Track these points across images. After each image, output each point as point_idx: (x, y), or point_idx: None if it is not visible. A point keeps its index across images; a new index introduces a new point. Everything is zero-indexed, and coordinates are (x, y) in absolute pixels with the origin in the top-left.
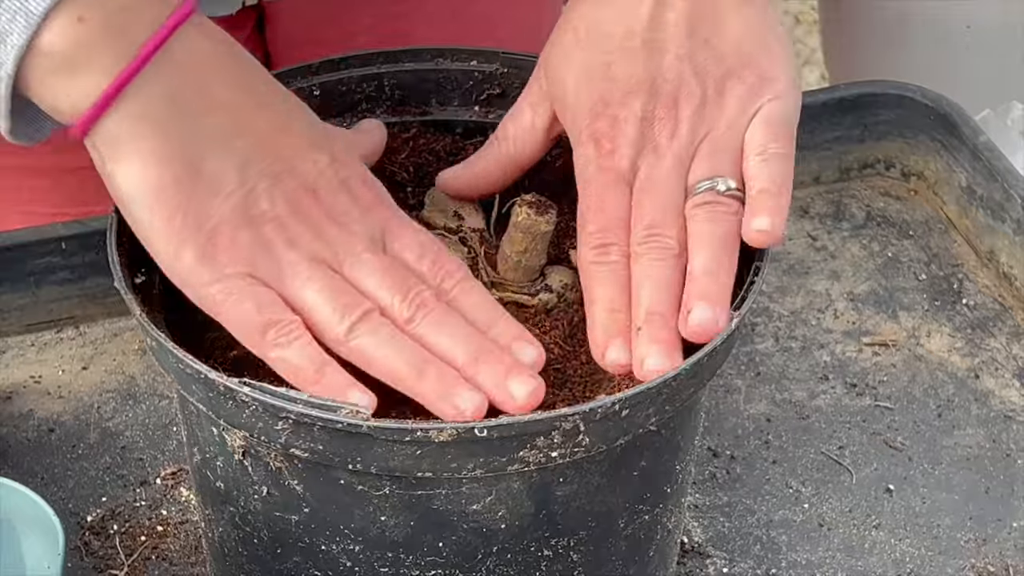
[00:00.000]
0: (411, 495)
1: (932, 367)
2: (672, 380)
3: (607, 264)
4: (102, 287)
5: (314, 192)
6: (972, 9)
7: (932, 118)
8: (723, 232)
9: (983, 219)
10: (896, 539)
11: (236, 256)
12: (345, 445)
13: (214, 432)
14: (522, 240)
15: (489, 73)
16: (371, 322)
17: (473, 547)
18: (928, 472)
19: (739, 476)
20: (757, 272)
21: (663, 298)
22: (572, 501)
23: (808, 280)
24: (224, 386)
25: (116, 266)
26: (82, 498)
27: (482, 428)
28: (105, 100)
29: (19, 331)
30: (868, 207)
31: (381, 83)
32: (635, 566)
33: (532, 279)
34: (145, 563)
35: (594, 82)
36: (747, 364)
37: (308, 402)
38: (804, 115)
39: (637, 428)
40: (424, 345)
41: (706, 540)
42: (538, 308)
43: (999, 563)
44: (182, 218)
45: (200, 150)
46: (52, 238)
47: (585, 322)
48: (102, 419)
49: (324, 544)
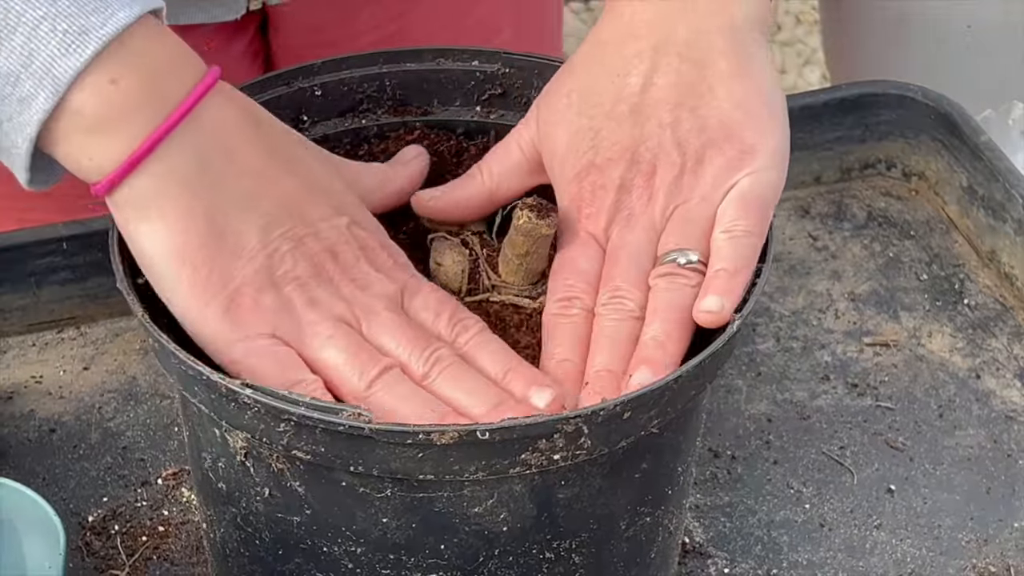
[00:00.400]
0: (413, 497)
1: (933, 367)
2: (674, 383)
3: (568, 317)
4: (103, 287)
5: (334, 255)
6: (973, 9)
7: (933, 118)
8: (679, 303)
9: (984, 219)
10: (897, 539)
11: (259, 317)
12: (347, 447)
13: (216, 433)
14: (523, 243)
15: (490, 73)
16: (390, 378)
17: (475, 549)
18: (929, 472)
19: (740, 476)
20: (759, 273)
21: (614, 356)
22: (574, 503)
23: (809, 280)
24: (226, 388)
25: (118, 266)
26: (83, 498)
27: (484, 431)
28: (133, 162)
29: (20, 331)
30: (869, 207)
31: (382, 83)
32: (636, 568)
33: (533, 282)
34: (146, 563)
35: (582, 147)
36: (748, 364)
37: (310, 404)
38: (805, 115)
39: (639, 430)
40: (442, 400)
41: (707, 540)
42: (536, 311)
43: (1000, 563)
44: (206, 278)
45: (225, 212)
46: (53, 238)
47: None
48: (103, 419)
49: (326, 546)
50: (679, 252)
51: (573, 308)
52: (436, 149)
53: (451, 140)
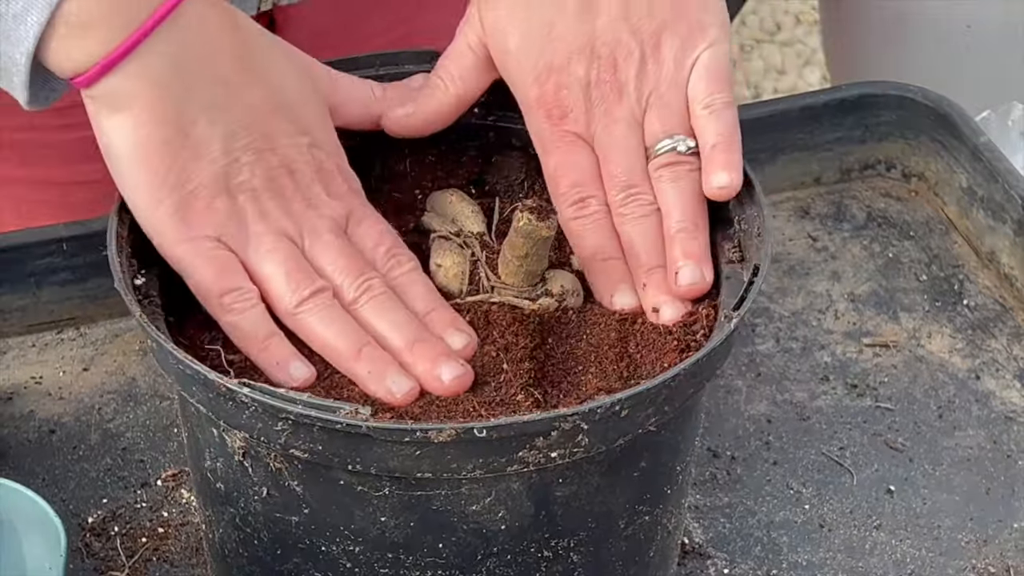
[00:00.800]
0: (411, 496)
1: (933, 368)
2: (671, 381)
3: (589, 217)
4: (103, 288)
5: (291, 172)
6: (973, 9)
7: (933, 119)
8: (691, 189)
9: (984, 220)
10: (897, 540)
11: (209, 219)
12: (344, 446)
13: (214, 433)
14: (523, 245)
15: None
16: (319, 300)
17: (473, 548)
18: (929, 473)
19: (740, 477)
20: (756, 272)
21: (657, 253)
22: (572, 502)
23: (809, 281)
24: (224, 387)
25: (117, 267)
26: (83, 499)
27: (481, 428)
28: (113, 60)
29: (20, 332)
30: (869, 208)
31: None
32: (635, 567)
33: (533, 283)
34: (146, 564)
35: (535, 45)
36: (747, 365)
37: (307, 403)
38: (805, 115)
39: (637, 429)
40: (365, 327)
41: (707, 541)
42: (535, 312)
43: (1000, 564)
44: (164, 175)
45: (193, 117)
46: (53, 239)
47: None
48: (103, 420)
49: (324, 545)
50: (671, 139)
51: (590, 207)
52: (437, 148)
53: (450, 140)
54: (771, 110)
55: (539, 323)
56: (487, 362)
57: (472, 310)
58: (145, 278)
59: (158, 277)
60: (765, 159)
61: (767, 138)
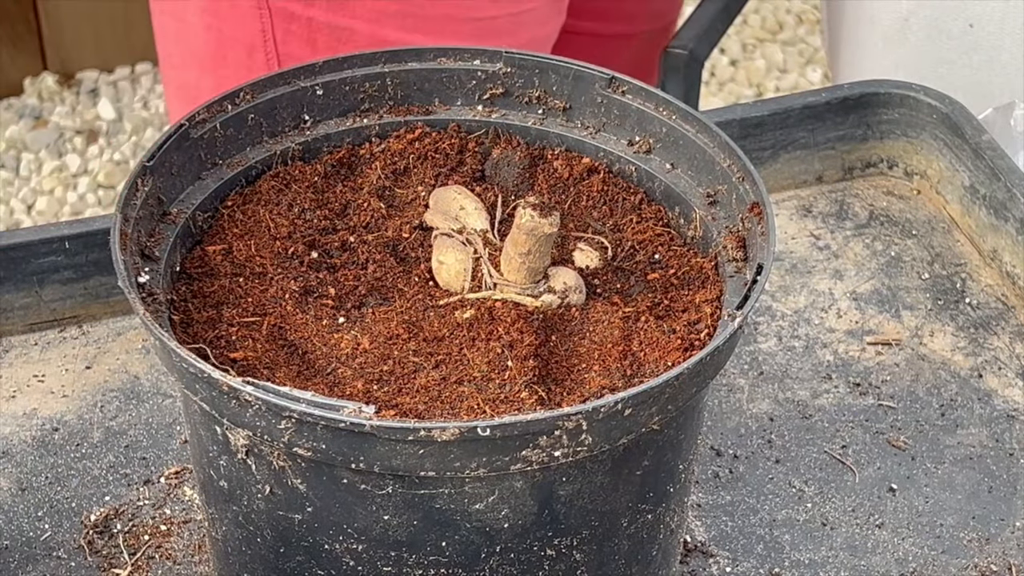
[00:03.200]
0: (414, 494)
1: (935, 366)
2: (675, 379)
3: None
4: (105, 286)
5: None
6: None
7: (935, 117)
8: None
9: (986, 218)
10: (899, 538)
11: None
12: (348, 444)
13: (217, 431)
14: (526, 242)
15: (492, 72)
16: None
17: (476, 546)
18: (931, 471)
19: (742, 475)
20: (760, 271)
21: None
22: (575, 500)
23: (811, 279)
24: (227, 386)
25: (119, 265)
26: (85, 497)
27: (485, 427)
28: None
29: (22, 330)
30: (871, 206)
31: (384, 82)
32: (638, 565)
33: (535, 280)
34: (149, 562)
35: None
36: (750, 363)
37: (311, 401)
38: (807, 114)
39: (640, 427)
40: None
41: (709, 539)
42: (538, 310)
43: (1002, 562)
44: None
45: None
46: (55, 237)
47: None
48: (105, 418)
49: (327, 543)
50: None
51: None
52: (438, 148)
53: (453, 139)
54: (773, 109)
55: (543, 320)
56: (492, 359)
57: (476, 306)
58: (148, 276)
59: (161, 275)
60: (767, 158)
61: (769, 137)
